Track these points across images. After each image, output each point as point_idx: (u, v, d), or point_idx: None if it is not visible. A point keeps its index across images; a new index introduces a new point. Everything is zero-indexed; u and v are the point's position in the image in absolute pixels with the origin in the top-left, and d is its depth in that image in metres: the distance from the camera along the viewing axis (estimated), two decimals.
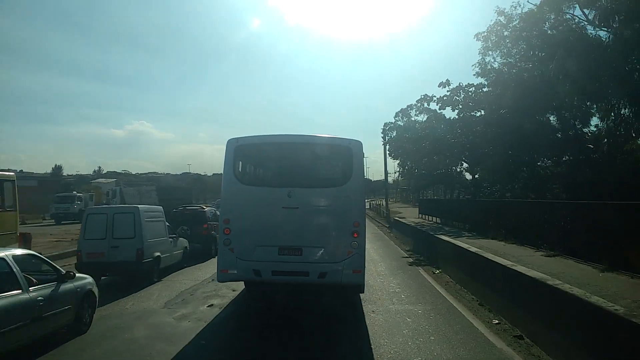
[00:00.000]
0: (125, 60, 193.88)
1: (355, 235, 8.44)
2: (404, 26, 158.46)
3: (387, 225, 34.45)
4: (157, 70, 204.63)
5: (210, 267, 15.90)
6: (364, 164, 9.95)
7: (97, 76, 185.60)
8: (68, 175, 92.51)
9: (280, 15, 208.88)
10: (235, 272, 8.50)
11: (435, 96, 25.24)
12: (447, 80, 24.25)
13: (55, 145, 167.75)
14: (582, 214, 10.15)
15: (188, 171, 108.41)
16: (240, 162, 9.13)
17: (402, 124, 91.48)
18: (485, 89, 24.64)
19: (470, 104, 24.86)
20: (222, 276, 8.65)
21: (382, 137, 59.72)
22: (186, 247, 16.12)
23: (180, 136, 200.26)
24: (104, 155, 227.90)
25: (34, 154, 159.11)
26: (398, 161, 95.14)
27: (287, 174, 9.14)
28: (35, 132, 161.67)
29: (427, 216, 28.64)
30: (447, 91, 24.46)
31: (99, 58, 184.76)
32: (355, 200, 8.73)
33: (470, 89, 24.17)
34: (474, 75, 24.39)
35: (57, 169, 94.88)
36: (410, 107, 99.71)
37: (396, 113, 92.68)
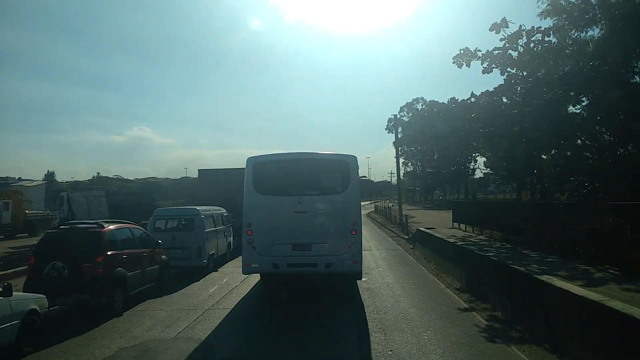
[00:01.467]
0: (124, 66, 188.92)
1: (354, 233, 10.29)
2: (403, 15, 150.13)
3: (406, 237, 26.09)
4: (158, 75, 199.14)
5: (98, 345, 7.74)
6: (359, 172, 11.28)
7: (97, 83, 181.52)
8: (66, 181, 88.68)
9: (280, 14, 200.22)
10: (257, 265, 10.48)
11: (480, 51, 17.25)
12: (504, 18, 16.19)
13: (56, 153, 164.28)
14: None
15: (186, 175, 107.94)
16: (258, 176, 10.78)
17: (406, 119, 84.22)
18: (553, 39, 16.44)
19: (526, 58, 16.56)
20: (247, 269, 10.67)
21: (392, 133, 51.68)
22: (35, 309, 7.88)
23: (181, 141, 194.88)
24: (105, 161, 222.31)
25: (35, 161, 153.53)
26: (402, 160, 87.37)
27: (297, 184, 10.84)
28: (36, 140, 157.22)
29: (463, 225, 20.61)
30: (501, 39, 16.45)
31: (98, 65, 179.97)
32: (353, 204, 10.60)
33: (536, 36, 16.02)
34: (539, 16, 16.33)
35: (50, 175, 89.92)
36: (416, 100, 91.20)
37: (401, 108, 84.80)
